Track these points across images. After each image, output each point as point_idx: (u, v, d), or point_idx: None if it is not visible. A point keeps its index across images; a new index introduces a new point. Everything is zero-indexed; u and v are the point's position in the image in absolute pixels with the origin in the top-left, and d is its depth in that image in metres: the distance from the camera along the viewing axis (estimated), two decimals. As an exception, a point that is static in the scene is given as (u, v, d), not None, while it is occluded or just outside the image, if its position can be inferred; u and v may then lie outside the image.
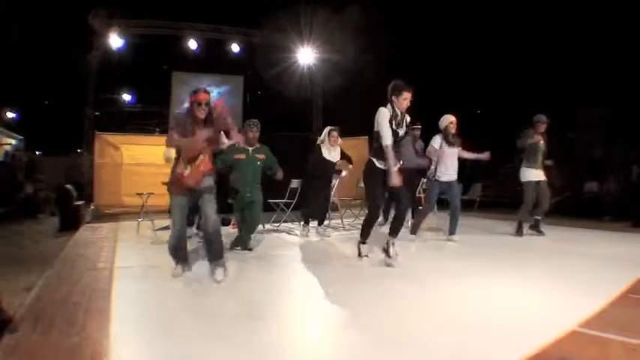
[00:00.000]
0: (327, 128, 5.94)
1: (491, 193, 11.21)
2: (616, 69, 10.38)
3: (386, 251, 4.11)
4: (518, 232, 5.81)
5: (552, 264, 4.21)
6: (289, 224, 6.72)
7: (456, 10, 13.32)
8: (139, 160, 9.43)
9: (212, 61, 11.85)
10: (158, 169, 9.00)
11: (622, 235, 6.15)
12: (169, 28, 10.54)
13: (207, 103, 3.46)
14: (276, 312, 2.85)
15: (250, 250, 4.85)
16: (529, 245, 5.26)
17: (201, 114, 3.43)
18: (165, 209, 8.58)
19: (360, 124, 6.09)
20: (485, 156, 5.50)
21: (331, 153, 5.86)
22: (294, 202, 6.63)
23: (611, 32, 10.36)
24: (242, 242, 4.88)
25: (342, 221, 6.92)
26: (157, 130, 13.30)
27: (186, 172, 3.41)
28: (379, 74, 13.57)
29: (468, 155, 5.50)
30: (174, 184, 3.50)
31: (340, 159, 5.98)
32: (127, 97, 16.25)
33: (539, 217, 5.85)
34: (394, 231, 4.14)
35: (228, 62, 11.89)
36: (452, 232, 5.44)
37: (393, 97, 4.01)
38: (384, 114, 3.95)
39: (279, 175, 4.92)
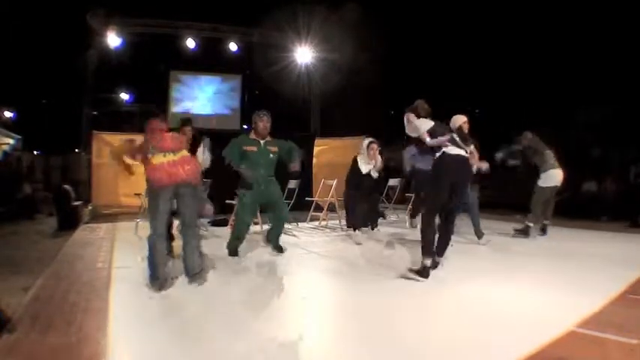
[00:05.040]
0: (367, 140, 5.56)
1: (489, 194, 11.18)
2: (615, 69, 10.41)
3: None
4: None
5: (550, 264, 4.22)
6: (287, 225, 6.67)
7: (454, 8, 13.34)
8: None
9: (210, 60, 11.82)
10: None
11: (620, 235, 6.17)
12: (167, 27, 10.52)
13: None
14: (276, 313, 2.85)
15: (282, 251, 4.62)
16: (526, 245, 5.27)
17: None
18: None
19: (357, 123, 6.05)
20: (484, 167, 4.97)
21: (369, 166, 5.51)
22: (292, 202, 6.63)
23: (611, 33, 10.40)
24: (273, 241, 4.63)
25: (340, 222, 6.91)
26: None
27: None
28: (377, 73, 13.61)
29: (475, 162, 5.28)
30: None
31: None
32: (124, 96, 16.23)
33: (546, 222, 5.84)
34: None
35: (226, 61, 11.86)
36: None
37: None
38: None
39: (297, 166, 4.56)
